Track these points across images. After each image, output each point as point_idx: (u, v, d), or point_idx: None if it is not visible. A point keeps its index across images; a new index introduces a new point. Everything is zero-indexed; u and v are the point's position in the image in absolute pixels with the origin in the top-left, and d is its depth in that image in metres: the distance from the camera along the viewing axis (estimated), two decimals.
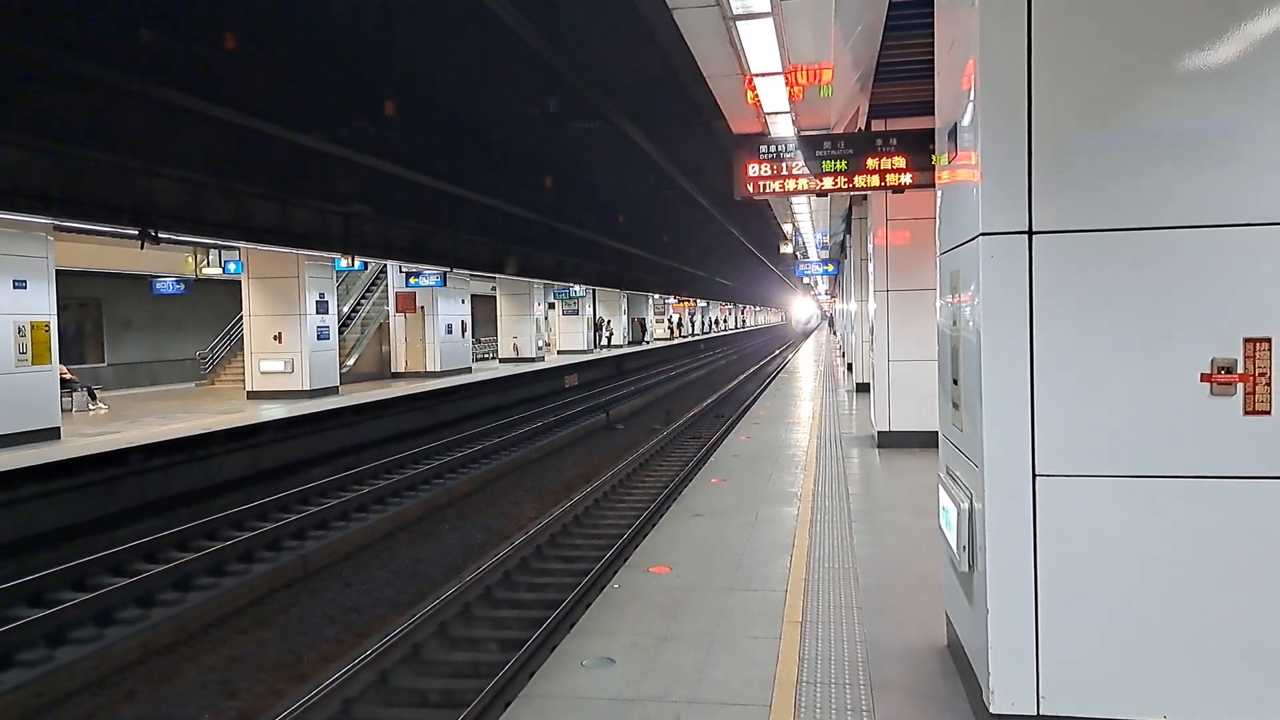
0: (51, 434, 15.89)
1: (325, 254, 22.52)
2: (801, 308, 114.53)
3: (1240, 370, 4.07)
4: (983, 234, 4.33)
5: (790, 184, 10.64)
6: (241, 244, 20.80)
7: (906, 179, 10.11)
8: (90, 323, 30.09)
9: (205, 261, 27.22)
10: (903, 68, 10.22)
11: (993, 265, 4.32)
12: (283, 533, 13.81)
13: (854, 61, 10.31)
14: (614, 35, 20.10)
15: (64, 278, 18.80)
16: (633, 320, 58.99)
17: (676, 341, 66.89)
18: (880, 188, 10.50)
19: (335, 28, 18.07)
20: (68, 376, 20.19)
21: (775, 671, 5.58)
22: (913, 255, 13.51)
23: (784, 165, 10.60)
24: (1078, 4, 4.22)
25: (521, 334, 39.39)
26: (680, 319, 76.89)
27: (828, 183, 10.40)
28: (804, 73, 10.42)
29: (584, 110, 22.94)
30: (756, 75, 10.52)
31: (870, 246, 15.54)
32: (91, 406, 21.07)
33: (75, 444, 15.20)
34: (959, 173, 4.86)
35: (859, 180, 10.33)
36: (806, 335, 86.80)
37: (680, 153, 29.06)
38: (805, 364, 39.73)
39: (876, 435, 14.21)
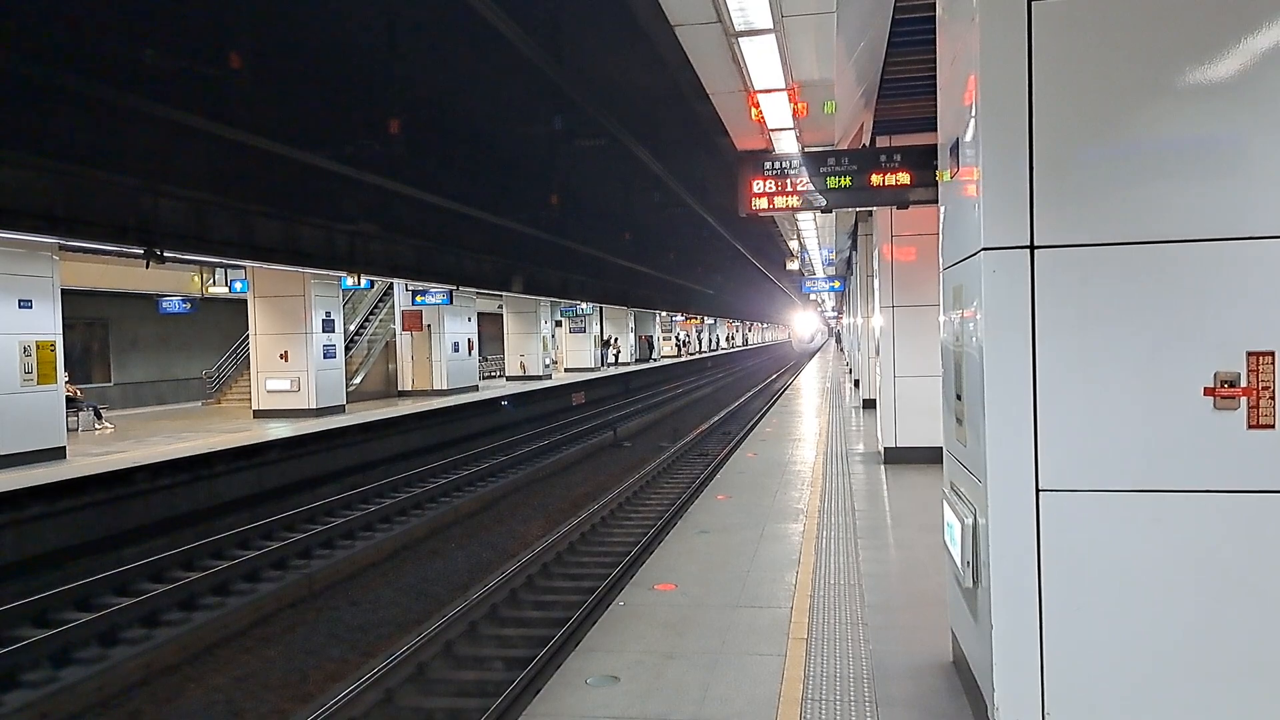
0: (57, 453, 15.90)
1: (331, 272, 22.55)
2: (809, 324, 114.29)
3: (1243, 384, 4.04)
4: (985, 249, 4.32)
5: (795, 200, 10.63)
6: (247, 263, 20.84)
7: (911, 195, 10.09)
8: (97, 342, 30.16)
9: (211, 280, 27.35)
10: (907, 84, 10.23)
11: (995, 280, 4.30)
12: (289, 552, 13.80)
13: (858, 77, 10.33)
14: (618, 53, 20.18)
15: (70, 297, 18.85)
16: (640, 338, 58.96)
17: (684, 359, 66.84)
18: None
19: (340, 46, 18.14)
20: (73, 395, 20.20)
21: (780, 689, 5.55)
22: (918, 271, 13.51)
23: (789, 182, 10.58)
24: (1078, 19, 4.21)
25: (528, 352, 39.39)
26: (687, 337, 76.77)
27: (832, 199, 10.39)
28: (806, 88, 10.42)
29: (589, 128, 23.02)
30: (760, 92, 10.53)
31: (876, 263, 15.53)
32: (98, 426, 21.10)
33: (81, 463, 15.21)
34: (961, 188, 4.85)
35: (863, 196, 10.32)
36: (811, 355, 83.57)
37: (685, 170, 29.12)
38: (812, 381, 39.67)
39: (883, 451, 14.17)
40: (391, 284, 29.48)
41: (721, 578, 8.11)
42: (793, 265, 36.85)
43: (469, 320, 32.06)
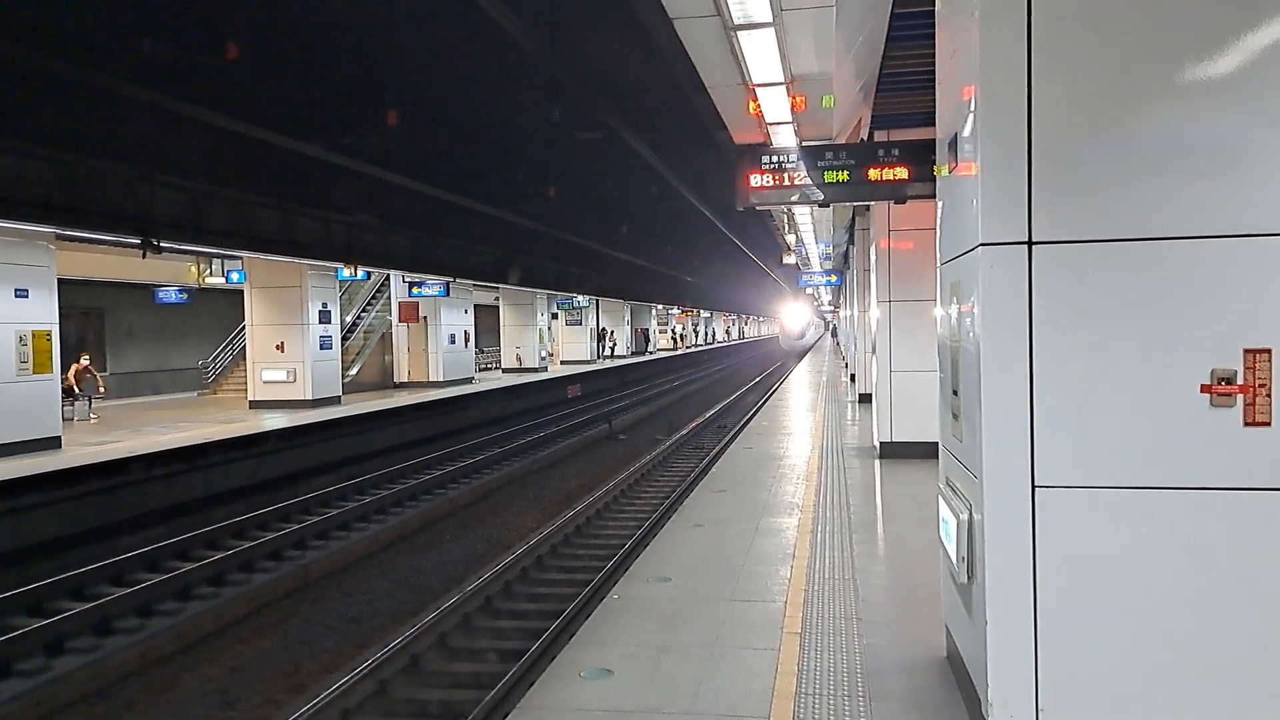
0: (52, 443, 15.86)
1: (328, 263, 22.52)
2: (801, 318, 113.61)
3: (1240, 381, 4.04)
4: (982, 244, 4.31)
5: (792, 194, 10.61)
6: (244, 253, 20.82)
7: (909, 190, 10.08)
8: (92, 331, 30.08)
9: (208, 271, 27.26)
10: (906, 78, 10.20)
11: (992, 275, 4.30)
12: (283, 542, 13.79)
13: (856, 72, 10.31)
14: (616, 45, 20.16)
15: (66, 286, 18.78)
16: (636, 331, 58.88)
17: (680, 352, 66.80)
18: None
19: (339, 37, 18.11)
20: (70, 386, 20.12)
21: (774, 683, 5.54)
22: (915, 266, 13.48)
23: (786, 176, 10.56)
24: (1078, 15, 4.20)
25: (524, 344, 39.36)
26: (683, 331, 76.48)
27: (829, 193, 10.38)
28: (805, 83, 10.41)
29: (587, 120, 23.01)
30: (758, 86, 10.51)
31: (873, 257, 15.52)
32: (92, 414, 21.08)
33: (76, 453, 15.17)
34: (959, 183, 4.84)
35: (861, 191, 10.31)
36: (803, 354, 76.12)
37: (683, 163, 29.12)
38: (808, 377, 39.67)
39: (878, 446, 14.16)
40: (388, 275, 29.44)
41: (716, 571, 8.10)
42: (789, 259, 36.83)
43: (465, 312, 32.05)
